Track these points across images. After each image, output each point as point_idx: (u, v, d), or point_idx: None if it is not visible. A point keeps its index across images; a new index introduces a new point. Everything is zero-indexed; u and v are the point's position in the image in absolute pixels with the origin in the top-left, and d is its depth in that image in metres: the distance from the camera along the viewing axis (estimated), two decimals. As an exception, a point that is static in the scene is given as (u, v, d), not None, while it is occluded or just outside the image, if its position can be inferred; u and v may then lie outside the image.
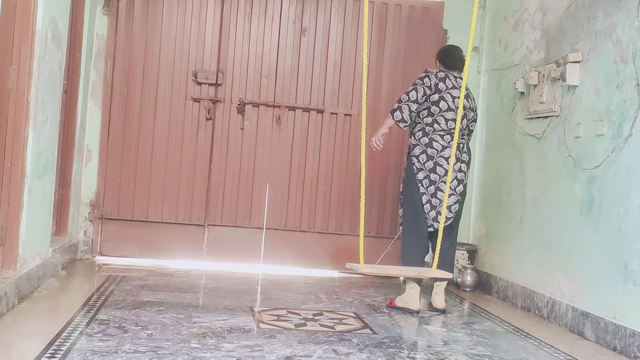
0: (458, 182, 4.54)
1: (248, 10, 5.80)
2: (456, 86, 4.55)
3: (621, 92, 3.90)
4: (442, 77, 4.53)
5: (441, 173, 4.48)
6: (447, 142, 4.50)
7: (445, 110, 4.49)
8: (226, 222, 5.79)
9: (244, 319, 3.92)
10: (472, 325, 4.22)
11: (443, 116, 4.49)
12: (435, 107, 4.50)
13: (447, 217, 4.51)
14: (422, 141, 4.53)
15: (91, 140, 5.65)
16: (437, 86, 4.50)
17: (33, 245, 4.10)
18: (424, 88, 4.49)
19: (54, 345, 3.08)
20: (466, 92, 4.57)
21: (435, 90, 4.50)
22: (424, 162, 4.51)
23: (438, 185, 4.49)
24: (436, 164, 4.48)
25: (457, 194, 4.55)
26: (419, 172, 4.52)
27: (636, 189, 3.70)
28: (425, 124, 4.54)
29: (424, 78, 4.53)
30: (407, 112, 4.50)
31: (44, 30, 3.96)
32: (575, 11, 4.48)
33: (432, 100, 4.51)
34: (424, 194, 4.51)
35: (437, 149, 4.49)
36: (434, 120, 4.50)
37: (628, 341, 3.66)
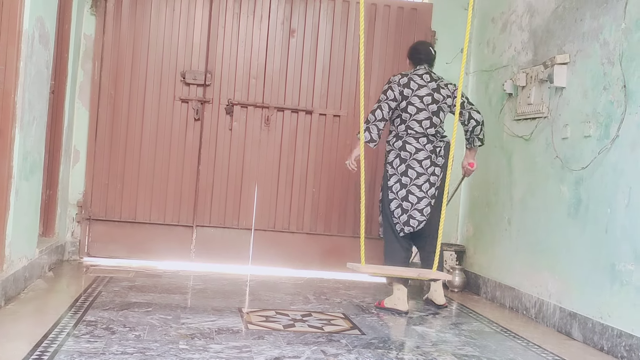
0: (430, 185, 4.52)
1: (237, 10, 5.79)
2: (423, 84, 4.54)
3: (608, 94, 3.93)
4: (406, 83, 4.53)
5: (413, 176, 4.49)
6: (422, 144, 4.51)
7: (416, 114, 4.51)
8: (214, 223, 5.78)
9: (232, 320, 3.91)
10: (460, 326, 4.23)
11: (415, 119, 4.51)
12: (405, 114, 4.53)
13: (420, 221, 4.51)
14: (395, 145, 4.57)
15: (78, 141, 5.63)
16: (402, 93, 4.51)
17: (20, 246, 4.08)
18: (387, 103, 4.51)
19: (40, 346, 3.06)
20: (436, 85, 4.58)
21: (401, 98, 4.51)
22: (397, 166, 4.54)
23: (409, 189, 4.50)
24: (408, 166, 4.49)
25: (429, 197, 4.52)
26: (391, 177, 4.55)
27: (623, 190, 3.73)
28: (399, 130, 4.57)
29: (387, 91, 4.53)
30: (375, 132, 4.52)
31: (31, 30, 3.93)
32: (563, 13, 4.50)
33: (400, 107, 4.53)
34: (393, 199, 4.53)
35: (411, 152, 4.50)
36: (407, 126, 4.53)
37: (615, 341, 3.68)
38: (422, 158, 4.50)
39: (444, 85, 4.62)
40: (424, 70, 4.62)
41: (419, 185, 4.49)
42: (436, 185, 4.55)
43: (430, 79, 4.58)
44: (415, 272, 4.41)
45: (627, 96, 3.74)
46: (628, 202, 3.68)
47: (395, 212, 4.53)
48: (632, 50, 3.73)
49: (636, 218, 3.60)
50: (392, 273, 4.63)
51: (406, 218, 4.52)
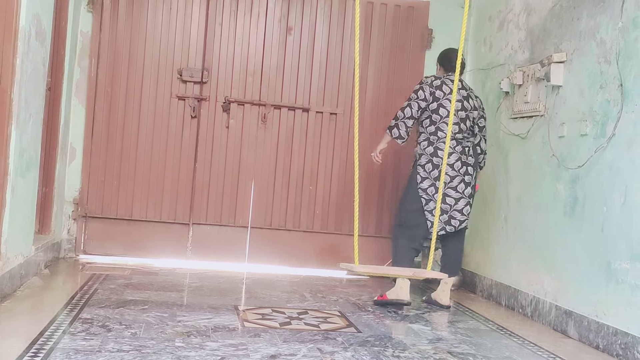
0: (466, 185, 4.72)
1: (234, 8, 5.79)
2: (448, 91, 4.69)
3: (605, 93, 3.93)
4: (438, 85, 4.68)
5: (446, 180, 4.65)
6: (452, 147, 4.66)
7: (447, 117, 4.62)
8: (211, 221, 5.78)
9: (228, 317, 3.91)
10: (456, 324, 4.23)
11: (445, 122, 4.63)
12: (436, 115, 4.67)
13: (461, 221, 4.76)
14: (427, 151, 4.72)
15: (75, 138, 5.62)
16: (434, 94, 4.65)
17: (15, 243, 4.07)
18: (417, 102, 4.67)
19: (36, 344, 3.06)
20: (466, 93, 4.79)
21: (432, 99, 4.64)
22: (429, 170, 4.69)
23: (445, 192, 4.67)
24: (439, 170, 4.61)
25: (466, 197, 4.73)
26: (424, 180, 4.70)
27: (619, 188, 3.73)
28: (429, 133, 4.72)
29: (418, 91, 4.69)
30: (403, 129, 4.71)
31: (28, 27, 3.92)
32: (560, 12, 4.50)
33: (431, 109, 4.67)
34: (430, 201, 4.68)
35: (442, 157, 4.60)
36: (437, 128, 4.68)
37: (610, 339, 3.68)
38: (453, 161, 4.68)
39: (474, 97, 4.82)
40: (460, 77, 4.67)
41: (454, 187, 4.68)
42: (472, 184, 4.75)
43: (461, 87, 4.75)
44: (410, 272, 4.42)
45: (624, 95, 3.74)
46: (624, 201, 3.68)
47: (433, 212, 4.64)
48: (629, 49, 3.74)
49: (632, 216, 3.61)
50: (386, 273, 4.66)
51: (447, 218, 4.71)
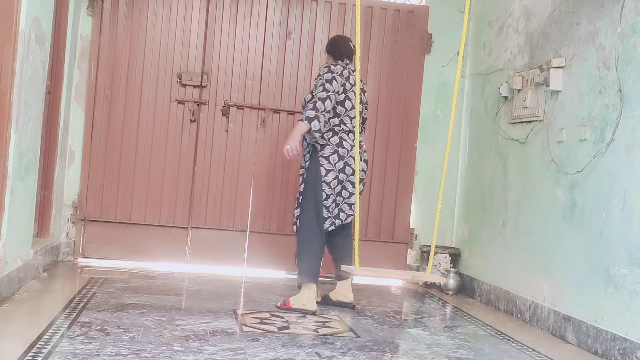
0: (359, 181, 4.43)
1: (233, 12, 5.79)
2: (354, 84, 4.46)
3: (604, 98, 3.94)
4: (347, 76, 4.44)
5: (349, 172, 4.43)
6: (351, 140, 4.46)
7: (350, 110, 4.44)
8: (210, 225, 5.78)
9: (227, 321, 3.91)
10: (454, 329, 4.23)
11: (348, 115, 4.46)
12: (341, 107, 4.43)
13: (348, 214, 4.48)
14: (332, 141, 4.42)
15: (74, 142, 5.62)
16: (344, 86, 4.43)
17: (14, 246, 4.07)
18: (335, 95, 4.38)
19: (34, 347, 3.06)
20: (362, 85, 4.59)
21: (342, 90, 4.43)
22: (334, 162, 4.42)
23: (344, 185, 4.44)
24: (346, 163, 4.42)
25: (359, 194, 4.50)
26: (328, 173, 4.41)
27: (618, 194, 3.73)
28: (332, 125, 4.45)
29: (332, 82, 4.35)
30: (322, 124, 4.34)
31: (27, 31, 3.93)
32: (559, 17, 4.51)
33: (337, 100, 4.42)
34: (330, 195, 4.43)
35: (347, 149, 4.43)
36: (341, 121, 4.45)
37: (609, 345, 3.68)
38: (355, 154, 4.39)
39: (365, 88, 4.72)
40: (353, 67, 4.53)
41: (353, 182, 4.44)
42: (364, 181, 4.61)
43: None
44: (409, 275, 4.40)
45: (623, 100, 3.75)
46: (623, 206, 3.69)
47: (330, 208, 4.45)
48: (628, 55, 3.74)
49: (631, 222, 3.61)
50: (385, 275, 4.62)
51: (337, 211, 4.46)
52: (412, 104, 6.00)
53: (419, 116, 6.02)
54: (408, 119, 5.99)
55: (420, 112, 6.02)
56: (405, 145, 5.98)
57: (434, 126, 6.02)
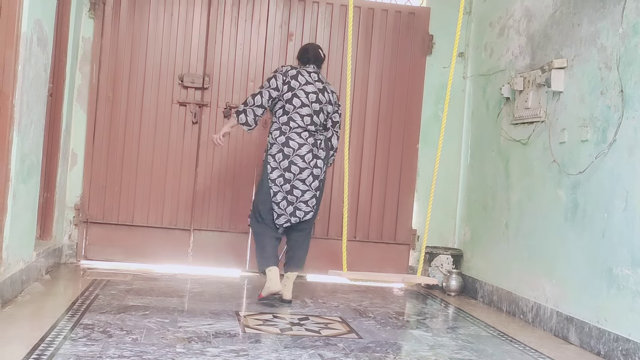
0: (314, 178, 4.56)
1: (235, 14, 5.80)
2: (311, 82, 4.59)
3: (605, 98, 3.94)
4: (294, 75, 4.56)
5: (296, 171, 4.51)
6: (304, 138, 4.53)
7: (300, 107, 4.52)
8: (212, 227, 5.78)
9: (229, 323, 3.91)
10: (457, 330, 4.23)
11: (298, 113, 4.52)
12: (289, 105, 4.53)
13: (306, 212, 4.56)
14: (279, 140, 4.54)
15: (76, 144, 5.62)
16: (290, 84, 4.52)
17: (17, 249, 4.07)
18: (269, 91, 4.53)
19: (37, 349, 3.06)
20: (322, 86, 4.64)
21: (287, 88, 4.52)
22: (279, 160, 4.52)
23: (294, 183, 4.51)
24: (291, 162, 4.50)
25: (312, 190, 4.56)
26: (274, 170, 4.53)
27: (620, 194, 3.73)
28: (281, 123, 4.55)
29: (271, 79, 4.55)
30: (251, 117, 4.53)
31: (29, 33, 3.93)
32: (560, 18, 4.51)
33: (285, 98, 4.53)
34: (278, 192, 4.53)
35: (294, 148, 4.51)
36: (290, 119, 4.53)
37: (612, 345, 3.68)
38: (304, 152, 4.52)
39: (330, 92, 4.70)
40: (314, 70, 4.67)
41: (302, 180, 4.52)
42: (319, 177, 4.59)
43: (317, 79, 4.63)
44: (399, 277, 4.40)
45: (624, 101, 3.75)
46: (625, 207, 3.68)
47: (281, 204, 4.54)
48: (629, 55, 3.74)
49: (633, 222, 3.61)
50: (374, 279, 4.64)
51: (292, 209, 4.54)
52: (414, 105, 6.01)
53: (420, 117, 6.02)
54: (410, 120, 5.99)
55: (422, 113, 6.03)
56: (407, 146, 5.99)
57: (435, 127, 6.01)
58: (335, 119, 4.73)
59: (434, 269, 5.68)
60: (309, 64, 4.69)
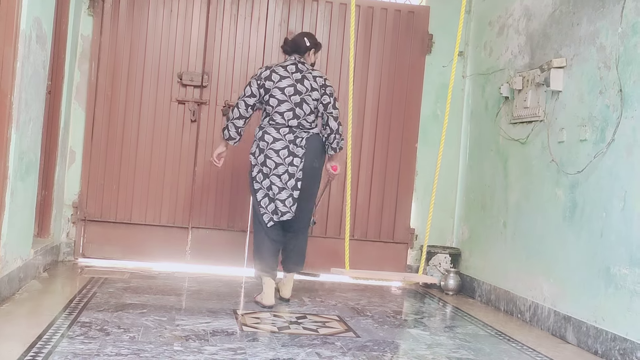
0: (289, 177, 4.44)
1: (234, 12, 5.79)
2: (286, 75, 4.50)
3: (604, 98, 3.94)
4: (267, 76, 4.50)
5: (272, 166, 4.44)
6: (282, 134, 4.45)
7: (278, 106, 4.46)
8: (210, 225, 5.78)
9: (227, 321, 3.91)
10: (455, 329, 4.23)
11: (277, 112, 4.47)
12: (268, 107, 4.50)
13: (282, 212, 4.45)
14: (257, 135, 4.53)
15: (75, 142, 5.62)
16: (264, 87, 4.48)
17: (14, 246, 4.07)
18: (244, 100, 4.50)
19: (34, 347, 3.06)
20: (301, 75, 4.52)
21: (264, 92, 4.48)
22: (257, 156, 4.49)
23: (271, 178, 4.45)
24: (266, 156, 4.44)
25: (288, 188, 4.45)
26: (254, 167, 4.51)
27: (618, 194, 3.73)
28: (263, 123, 4.55)
29: (246, 87, 4.53)
30: (233, 130, 4.54)
31: (28, 31, 3.93)
32: (560, 17, 4.51)
33: (265, 100, 4.50)
34: (259, 189, 4.49)
35: (268, 141, 4.44)
36: (270, 118, 4.50)
37: (609, 345, 3.68)
38: (279, 148, 4.43)
39: (313, 78, 4.54)
40: (292, 61, 4.58)
41: (278, 175, 4.43)
42: (296, 176, 4.46)
43: (295, 70, 4.53)
44: (400, 276, 4.40)
45: (623, 100, 3.75)
46: (623, 206, 3.68)
47: (263, 202, 4.49)
48: (629, 55, 3.74)
49: (631, 222, 3.61)
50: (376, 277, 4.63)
51: (273, 207, 4.47)
52: (413, 104, 6.00)
53: (419, 116, 6.02)
54: (409, 119, 5.99)
55: (421, 112, 6.02)
56: (406, 145, 5.98)
57: (434, 126, 6.02)
58: (325, 102, 4.54)
59: (432, 268, 5.68)
60: (291, 54, 4.62)
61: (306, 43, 4.63)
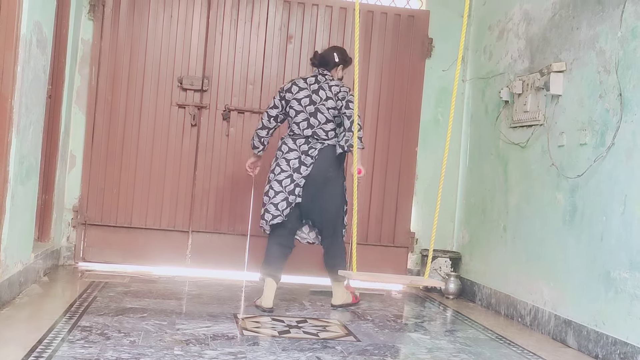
0: (290, 181, 4.51)
1: (234, 16, 5.80)
2: (304, 87, 4.60)
3: (604, 102, 3.94)
4: (288, 88, 4.64)
5: (277, 172, 4.55)
6: (297, 145, 4.56)
7: (295, 116, 4.59)
8: (210, 229, 5.78)
9: (227, 325, 3.91)
10: (455, 333, 4.23)
11: (295, 122, 4.59)
12: (289, 117, 4.64)
13: (274, 215, 4.53)
14: (277, 146, 4.69)
15: (75, 146, 5.62)
16: (285, 98, 4.62)
17: (15, 250, 4.07)
18: (267, 112, 4.69)
19: (35, 352, 3.06)
20: (317, 86, 4.60)
21: (285, 103, 4.63)
22: (271, 165, 4.64)
23: (272, 184, 4.55)
24: (277, 164, 4.56)
25: (285, 192, 4.51)
26: (268, 175, 4.64)
27: (618, 198, 3.74)
28: (285, 134, 4.71)
29: (273, 99, 4.70)
30: (257, 140, 4.72)
31: (29, 35, 3.94)
32: (559, 21, 4.52)
33: (286, 112, 4.64)
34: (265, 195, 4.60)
35: (283, 151, 4.58)
36: (290, 129, 4.64)
37: (610, 349, 3.68)
38: (291, 157, 4.54)
39: (328, 87, 4.60)
40: (314, 73, 4.68)
41: (279, 181, 4.52)
42: (296, 182, 4.50)
43: (314, 82, 4.62)
44: (407, 279, 4.41)
45: (623, 104, 3.75)
46: (623, 210, 3.69)
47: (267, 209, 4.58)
48: (628, 59, 3.75)
49: (631, 226, 3.61)
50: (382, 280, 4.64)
51: (263, 211, 4.60)
52: (413, 108, 6.01)
53: (419, 120, 6.02)
54: (409, 123, 5.99)
55: (421, 117, 6.03)
56: (406, 149, 5.99)
57: (434, 130, 6.03)
58: (339, 105, 4.55)
59: (433, 272, 5.68)
60: (318, 67, 4.70)
61: (335, 59, 4.73)
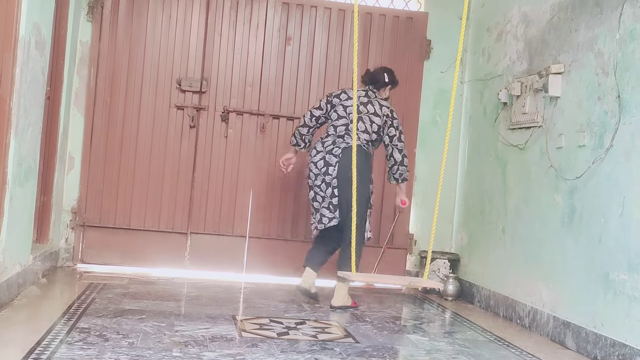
0: (327, 186, 4.71)
1: (233, 18, 5.80)
2: (350, 97, 4.75)
3: (602, 104, 3.95)
4: (337, 94, 4.86)
5: (312, 177, 4.77)
6: (324, 146, 4.75)
7: (336, 120, 4.78)
8: (209, 230, 5.78)
9: (226, 327, 3.90)
10: (454, 335, 4.23)
11: (333, 125, 4.78)
12: (330, 120, 4.83)
13: (329, 218, 4.72)
14: None
15: (74, 147, 5.62)
16: (331, 102, 4.82)
17: (13, 252, 4.07)
18: (311, 111, 4.88)
19: (33, 353, 3.05)
20: (367, 100, 4.80)
21: (330, 107, 4.82)
22: (306, 172, 4.87)
23: (315, 190, 4.77)
24: (309, 169, 4.80)
25: (328, 197, 4.72)
26: (307, 179, 4.85)
27: (617, 199, 3.74)
28: None
29: (320, 101, 4.91)
30: (298, 137, 4.90)
31: (27, 37, 3.93)
32: (558, 23, 4.52)
33: (329, 115, 4.85)
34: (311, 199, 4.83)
35: (311, 155, 4.80)
36: (326, 132, 4.85)
37: (608, 351, 3.68)
38: (317, 160, 4.74)
39: (379, 105, 4.81)
40: (365, 89, 4.87)
41: (318, 185, 4.74)
42: (331, 184, 4.69)
43: (364, 95, 4.83)
44: (406, 280, 4.42)
45: (621, 106, 3.76)
46: (622, 212, 3.69)
47: (313, 212, 4.83)
48: (626, 61, 3.75)
49: (630, 227, 3.61)
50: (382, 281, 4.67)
51: (319, 217, 4.75)
52: (411, 109, 6.01)
53: (418, 122, 6.03)
54: (407, 125, 5.99)
55: (420, 118, 6.04)
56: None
57: (433, 132, 6.03)
58: (391, 134, 4.80)
59: (431, 273, 5.69)
60: (369, 84, 4.90)
61: (385, 79, 4.92)
